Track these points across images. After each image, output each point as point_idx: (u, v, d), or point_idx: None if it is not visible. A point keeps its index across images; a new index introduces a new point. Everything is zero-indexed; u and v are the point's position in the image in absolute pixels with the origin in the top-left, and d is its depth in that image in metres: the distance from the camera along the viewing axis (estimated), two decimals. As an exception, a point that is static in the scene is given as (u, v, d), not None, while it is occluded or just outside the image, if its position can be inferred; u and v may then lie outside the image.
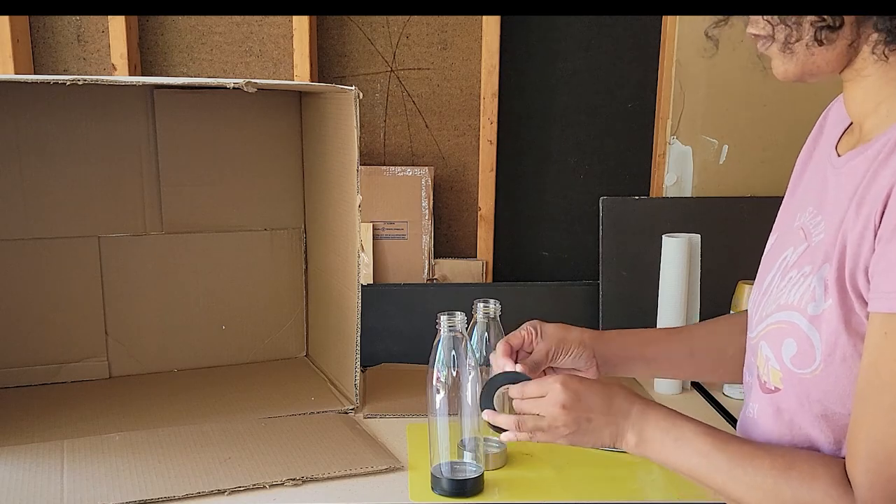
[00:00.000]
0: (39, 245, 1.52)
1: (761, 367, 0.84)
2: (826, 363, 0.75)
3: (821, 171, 0.86)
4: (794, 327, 0.78)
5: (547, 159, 1.91)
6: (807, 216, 0.84)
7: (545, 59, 1.86)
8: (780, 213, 0.96)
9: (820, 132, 0.93)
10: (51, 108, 1.49)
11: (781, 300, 0.81)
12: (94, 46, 1.73)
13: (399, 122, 1.85)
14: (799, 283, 0.79)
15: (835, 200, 0.79)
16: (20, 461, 1.21)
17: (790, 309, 0.79)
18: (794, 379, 0.79)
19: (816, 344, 0.76)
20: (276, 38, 1.78)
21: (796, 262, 0.82)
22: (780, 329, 0.80)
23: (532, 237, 1.94)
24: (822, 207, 0.81)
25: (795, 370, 0.79)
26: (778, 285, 0.84)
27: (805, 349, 0.77)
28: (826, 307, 0.75)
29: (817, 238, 0.80)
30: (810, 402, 0.78)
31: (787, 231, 0.89)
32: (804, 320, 0.77)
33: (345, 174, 1.43)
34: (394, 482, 1.19)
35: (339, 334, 1.52)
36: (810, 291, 0.77)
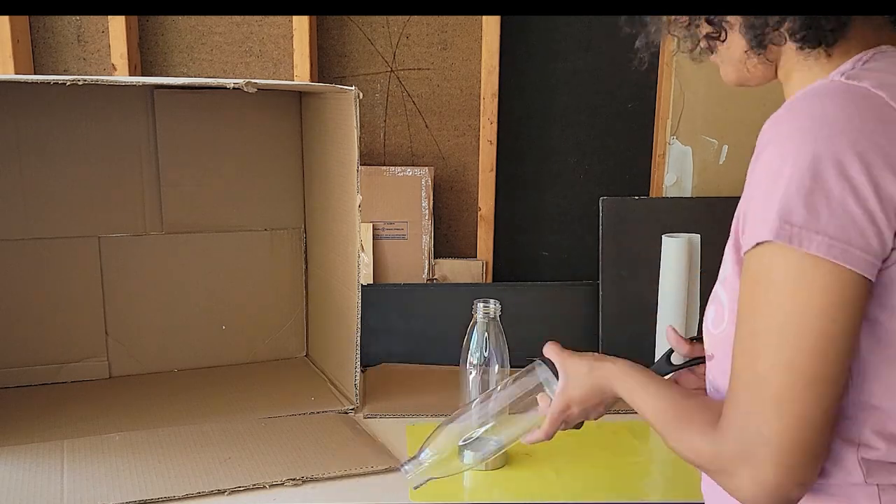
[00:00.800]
0: (39, 245, 1.52)
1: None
2: (730, 322, 0.78)
3: None
4: (714, 295, 0.84)
5: (547, 159, 1.91)
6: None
7: (545, 59, 1.86)
8: None
9: None
10: (51, 108, 1.49)
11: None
12: (94, 46, 1.73)
13: (399, 123, 1.86)
14: (726, 258, 0.84)
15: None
16: (20, 461, 1.21)
17: (718, 282, 0.84)
18: (714, 341, 0.84)
19: (724, 305, 0.80)
20: (276, 38, 1.78)
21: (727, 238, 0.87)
22: (711, 299, 0.86)
23: (532, 237, 1.94)
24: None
25: (713, 331, 0.83)
26: None
27: (718, 311, 0.82)
28: (728, 272, 0.80)
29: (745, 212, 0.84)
30: (724, 359, 0.81)
31: None
32: (719, 286, 0.82)
33: (345, 174, 1.43)
34: (394, 482, 1.19)
35: (339, 334, 1.52)
36: (722, 261, 0.82)
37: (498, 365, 1.23)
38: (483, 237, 1.88)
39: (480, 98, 1.83)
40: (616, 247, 1.74)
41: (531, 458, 1.28)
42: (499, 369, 1.23)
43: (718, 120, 1.81)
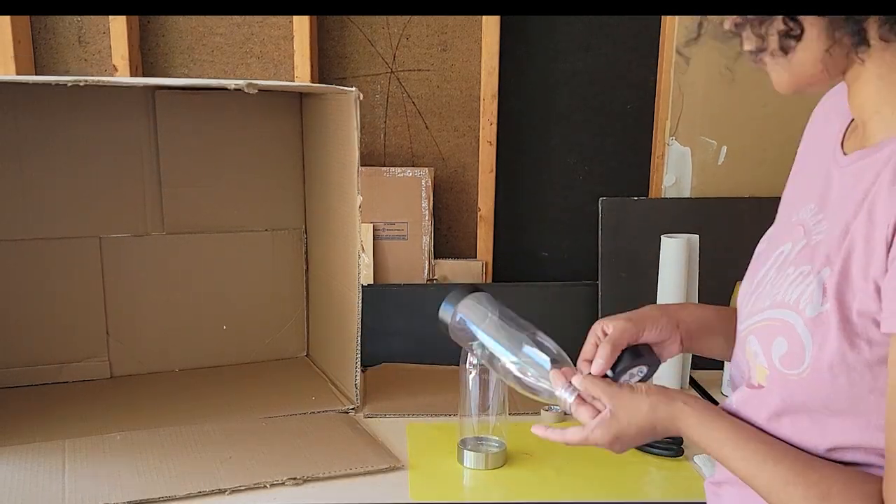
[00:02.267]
0: (41, 245, 1.52)
1: (751, 362, 0.84)
2: (814, 368, 0.74)
3: (824, 166, 0.85)
4: (787, 326, 0.77)
5: (547, 160, 1.91)
6: (807, 213, 0.83)
7: (545, 59, 1.86)
8: (780, 204, 0.95)
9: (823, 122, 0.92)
10: (52, 108, 1.49)
11: (777, 297, 0.80)
12: (96, 47, 1.74)
13: (399, 124, 1.86)
14: (797, 283, 0.78)
15: (839, 201, 0.77)
16: (22, 461, 1.21)
17: (786, 307, 0.78)
18: (780, 379, 0.78)
19: (807, 346, 0.74)
20: (276, 39, 1.78)
21: (794, 260, 0.80)
22: (772, 326, 0.79)
23: (532, 237, 1.95)
24: (825, 206, 0.80)
25: (783, 370, 0.77)
26: (773, 281, 0.83)
27: (795, 350, 0.76)
28: (823, 311, 0.74)
29: (817, 237, 0.79)
30: (794, 403, 0.77)
31: (786, 224, 0.88)
32: (800, 321, 0.75)
33: (345, 175, 1.43)
34: (394, 482, 1.19)
35: (340, 334, 1.52)
36: (809, 292, 0.75)
37: (498, 365, 1.23)
38: (483, 237, 1.89)
39: (480, 99, 1.83)
40: (615, 247, 1.74)
41: (531, 458, 1.29)
42: (499, 369, 1.23)
43: (717, 121, 1.82)
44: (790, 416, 0.79)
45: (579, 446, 0.91)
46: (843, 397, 0.73)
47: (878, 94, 0.76)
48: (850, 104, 0.81)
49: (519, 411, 1.39)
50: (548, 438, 0.94)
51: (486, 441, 1.27)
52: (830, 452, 0.77)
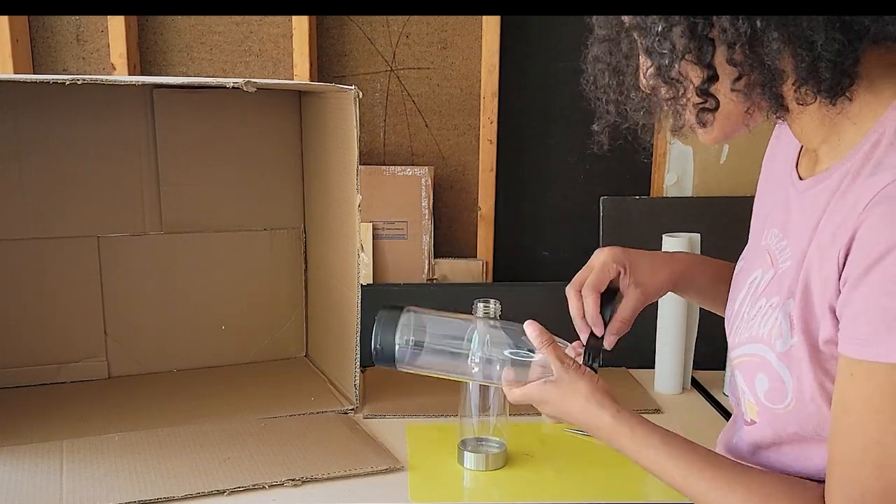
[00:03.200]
0: (38, 245, 1.52)
1: (741, 397, 0.85)
2: (798, 400, 0.74)
3: (783, 190, 0.85)
4: (765, 362, 0.77)
5: (547, 159, 1.90)
6: (772, 238, 0.83)
7: (545, 58, 1.86)
8: (752, 218, 0.95)
9: (777, 143, 0.93)
10: (50, 107, 1.48)
11: (753, 331, 0.80)
12: (94, 46, 1.73)
13: (399, 122, 1.85)
14: (767, 316, 0.78)
15: (798, 228, 0.78)
16: (19, 461, 1.21)
17: (760, 342, 0.78)
18: (769, 413, 0.79)
19: (787, 380, 0.75)
20: (275, 37, 1.78)
21: (765, 291, 0.81)
22: (752, 362, 0.80)
23: (532, 237, 1.94)
24: (787, 232, 0.80)
25: (770, 405, 0.78)
26: (749, 312, 0.83)
27: (776, 385, 0.76)
28: (793, 343, 0.74)
29: (783, 265, 0.78)
30: (788, 434, 0.78)
31: (755, 249, 0.88)
32: (773, 356, 0.76)
33: (345, 174, 1.42)
34: (394, 482, 1.18)
35: (339, 334, 1.51)
36: (777, 326, 0.76)
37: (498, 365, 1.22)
38: (483, 237, 1.88)
39: (480, 97, 1.83)
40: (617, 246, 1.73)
41: (532, 459, 1.28)
42: (499, 369, 1.23)
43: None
44: (787, 445, 0.79)
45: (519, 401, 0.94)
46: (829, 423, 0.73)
47: (819, 128, 0.75)
48: (793, 132, 0.81)
49: (519, 412, 1.39)
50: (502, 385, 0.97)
51: (487, 442, 1.26)
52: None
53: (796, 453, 0.79)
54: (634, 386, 1.59)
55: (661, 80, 0.75)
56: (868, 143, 0.70)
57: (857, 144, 0.72)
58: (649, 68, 0.76)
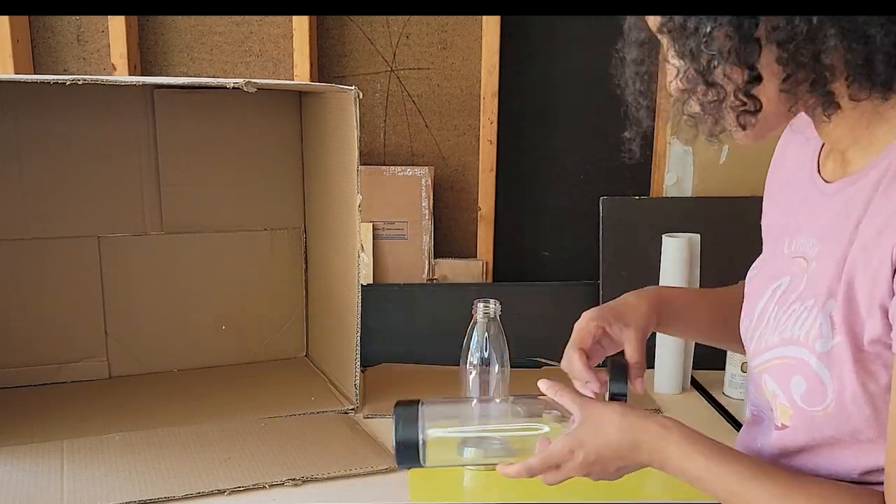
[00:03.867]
0: (39, 245, 1.52)
1: (770, 401, 0.82)
2: (838, 402, 0.73)
3: (805, 193, 0.84)
4: (802, 364, 0.75)
5: (547, 159, 1.90)
6: (802, 244, 0.81)
7: (545, 59, 1.86)
8: (765, 230, 0.94)
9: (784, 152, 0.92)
10: (51, 108, 1.49)
11: (786, 334, 0.78)
12: (94, 46, 1.73)
13: (399, 122, 1.85)
14: (804, 318, 0.76)
15: (832, 230, 0.77)
16: (20, 461, 1.21)
17: (796, 344, 0.76)
18: (805, 416, 0.76)
19: (827, 382, 0.73)
20: (275, 37, 1.78)
21: (800, 295, 0.79)
22: (787, 365, 0.77)
23: (532, 237, 1.94)
24: (819, 236, 0.79)
25: (807, 408, 0.76)
26: (777, 316, 0.81)
27: (815, 387, 0.74)
28: (835, 344, 0.72)
29: (816, 268, 0.78)
30: (823, 437, 0.76)
31: (779, 256, 0.86)
32: (813, 358, 0.74)
33: (345, 174, 1.42)
34: (393, 482, 1.18)
35: (339, 334, 1.52)
36: (816, 327, 0.74)
37: (498, 365, 1.23)
38: (483, 237, 1.88)
39: (480, 98, 1.83)
40: (616, 247, 1.74)
41: (531, 458, 1.28)
42: (499, 369, 1.23)
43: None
44: (821, 448, 0.78)
45: (540, 470, 0.87)
46: (871, 425, 0.72)
47: (853, 128, 0.75)
48: (820, 134, 0.80)
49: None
50: (508, 475, 0.89)
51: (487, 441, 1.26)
52: (865, 476, 0.76)
53: (827, 456, 0.77)
54: (634, 386, 1.59)
55: (699, 83, 0.73)
56: None
57: (892, 142, 0.72)
58: (685, 72, 0.75)
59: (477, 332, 1.23)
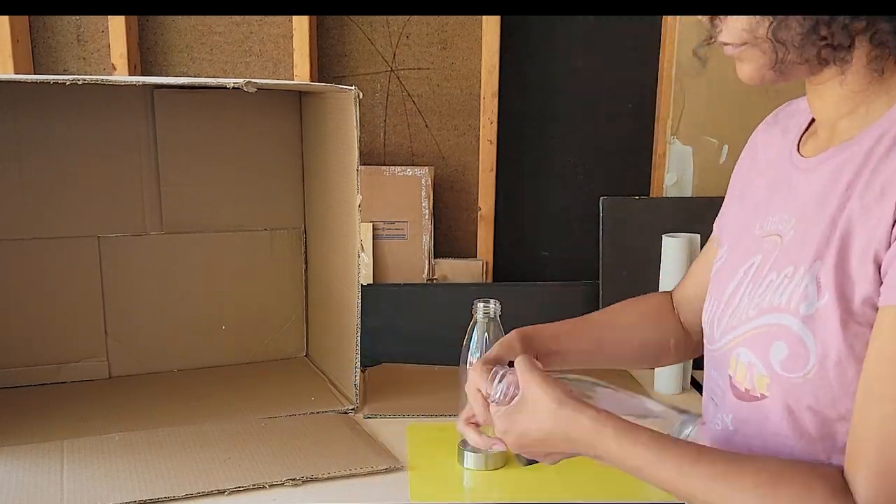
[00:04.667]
0: (39, 245, 1.52)
1: (739, 376, 0.81)
2: (820, 365, 0.72)
3: (780, 176, 0.85)
4: (784, 329, 0.75)
5: (547, 159, 1.91)
6: (776, 222, 0.82)
7: (545, 59, 1.86)
8: (725, 224, 0.95)
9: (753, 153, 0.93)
10: (50, 107, 1.49)
11: (764, 304, 0.78)
12: (94, 46, 1.73)
13: (399, 122, 1.85)
14: (783, 285, 0.76)
15: (815, 199, 0.77)
16: (20, 461, 1.21)
17: (777, 311, 0.76)
18: (784, 384, 0.75)
19: (810, 346, 0.72)
20: (275, 38, 1.78)
21: (774, 265, 0.79)
22: (766, 332, 0.77)
23: (532, 237, 1.94)
24: (795, 209, 0.79)
25: (786, 374, 0.75)
26: (751, 292, 0.81)
27: (797, 351, 0.73)
28: (821, 306, 0.72)
29: (793, 237, 0.78)
30: (799, 409, 0.75)
31: (747, 241, 0.86)
32: (796, 321, 0.73)
33: (345, 174, 1.42)
34: (394, 482, 1.18)
35: (339, 334, 1.52)
36: (801, 291, 0.73)
37: (498, 365, 1.23)
38: (483, 237, 1.88)
39: (480, 98, 1.83)
40: (616, 247, 1.74)
41: (531, 458, 1.28)
42: (499, 369, 1.23)
43: (719, 119, 1.81)
44: (795, 424, 0.76)
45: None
46: (850, 393, 0.71)
47: (856, 96, 0.76)
48: (816, 106, 0.81)
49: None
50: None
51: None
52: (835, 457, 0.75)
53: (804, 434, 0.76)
54: (634, 386, 1.59)
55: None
56: None
57: (888, 111, 0.73)
58: None
59: (477, 332, 1.23)
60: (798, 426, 0.76)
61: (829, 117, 0.79)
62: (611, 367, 1.07)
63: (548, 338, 1.00)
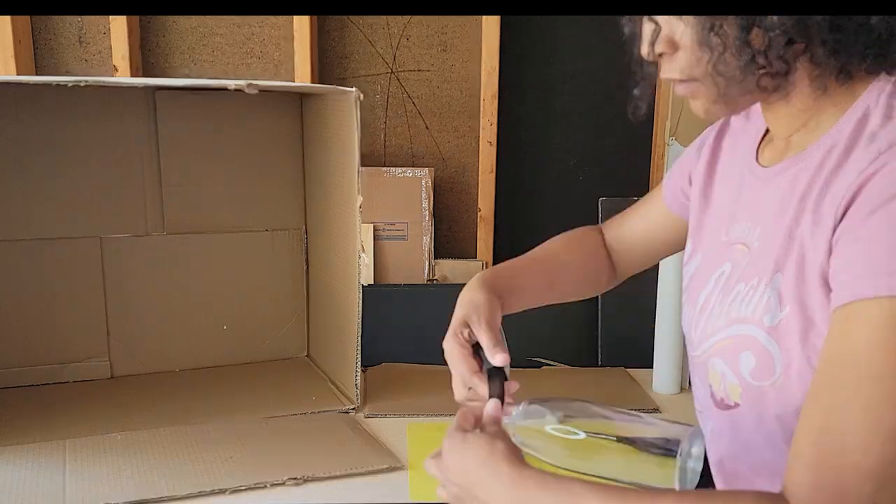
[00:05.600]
0: (41, 246, 1.52)
1: (715, 384, 0.82)
2: (785, 375, 0.73)
3: (739, 182, 0.86)
4: (751, 340, 0.76)
5: (547, 160, 1.91)
6: (740, 230, 0.83)
7: (545, 59, 1.86)
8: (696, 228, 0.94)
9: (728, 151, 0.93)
10: (53, 109, 1.49)
11: (732, 314, 0.79)
12: (96, 48, 1.74)
13: (399, 124, 1.86)
14: (749, 296, 0.77)
15: (775, 209, 0.78)
16: (22, 461, 1.22)
17: (745, 322, 0.77)
18: (754, 392, 0.76)
19: (776, 355, 0.73)
20: (276, 39, 1.78)
21: (742, 275, 0.80)
22: (735, 343, 0.78)
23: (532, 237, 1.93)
24: (757, 219, 0.80)
25: (755, 382, 0.75)
26: (721, 301, 0.82)
27: (765, 361, 0.74)
28: (783, 317, 0.72)
29: (758, 247, 0.79)
30: (768, 418, 0.76)
31: (717, 246, 0.87)
32: (762, 332, 0.74)
33: (345, 175, 1.43)
34: (394, 482, 1.19)
35: (340, 334, 1.52)
36: (764, 302, 0.75)
37: (498, 365, 1.23)
38: (483, 237, 1.89)
39: (480, 99, 1.83)
40: (615, 247, 1.74)
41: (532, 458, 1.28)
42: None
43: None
44: (765, 432, 0.77)
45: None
46: None
47: (805, 111, 0.77)
48: (769, 121, 0.82)
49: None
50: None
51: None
52: None
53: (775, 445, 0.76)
54: (633, 386, 1.59)
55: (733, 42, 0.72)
56: (853, 117, 0.72)
57: (836, 123, 0.74)
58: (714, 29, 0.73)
59: (477, 333, 1.23)
60: (768, 435, 0.77)
61: (781, 132, 0.81)
62: (556, 302, 1.06)
63: (507, 277, 1.01)
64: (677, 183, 1.02)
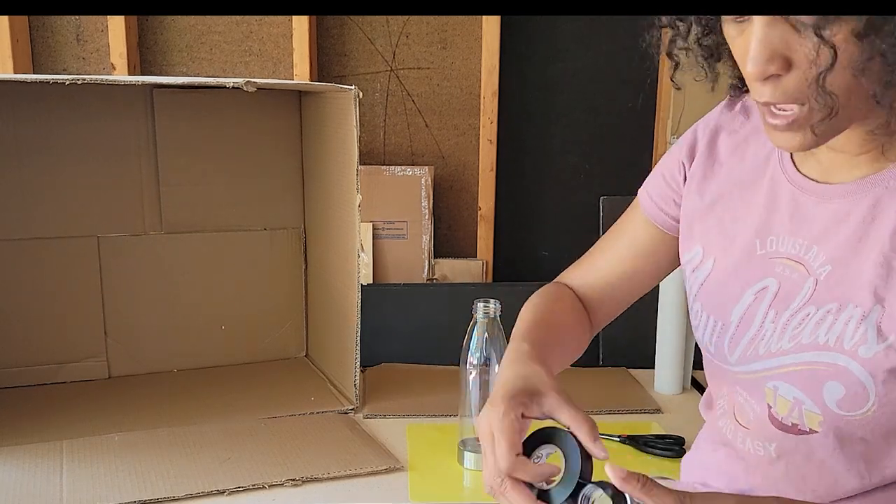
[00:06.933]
0: (38, 245, 1.52)
1: (780, 408, 0.78)
2: (880, 404, 0.71)
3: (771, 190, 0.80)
4: (839, 370, 0.72)
5: (547, 159, 1.91)
6: (788, 245, 0.78)
7: (545, 58, 1.86)
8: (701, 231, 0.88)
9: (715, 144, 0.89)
10: (50, 107, 1.48)
11: (805, 339, 0.75)
12: (94, 46, 1.73)
13: (399, 122, 1.85)
14: (828, 322, 0.73)
15: (849, 232, 0.73)
16: (19, 461, 1.21)
17: (825, 350, 0.73)
18: (839, 421, 0.74)
19: (870, 387, 0.71)
20: (275, 37, 1.78)
21: (812, 300, 0.75)
22: (813, 371, 0.74)
23: (532, 237, 1.94)
24: (814, 236, 0.76)
25: (843, 413, 0.73)
26: (778, 320, 0.78)
27: (856, 392, 0.72)
28: (880, 350, 0.70)
29: (831, 271, 0.74)
30: (852, 440, 0.74)
31: (749, 257, 0.81)
32: (854, 363, 0.71)
33: (345, 174, 1.42)
34: (393, 482, 1.18)
35: (339, 334, 1.52)
36: (860, 334, 0.71)
37: (498, 365, 1.23)
38: (483, 237, 1.88)
39: (480, 97, 1.83)
40: (616, 246, 1.73)
41: (531, 458, 1.28)
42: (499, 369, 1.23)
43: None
44: (845, 452, 0.76)
45: None
46: None
47: (873, 138, 0.72)
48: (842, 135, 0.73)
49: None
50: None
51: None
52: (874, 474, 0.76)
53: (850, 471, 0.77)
54: (634, 386, 1.59)
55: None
56: None
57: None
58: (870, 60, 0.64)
59: (477, 332, 1.23)
60: (848, 454, 0.76)
61: (852, 149, 0.75)
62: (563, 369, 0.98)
63: (546, 349, 0.88)
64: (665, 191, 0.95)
